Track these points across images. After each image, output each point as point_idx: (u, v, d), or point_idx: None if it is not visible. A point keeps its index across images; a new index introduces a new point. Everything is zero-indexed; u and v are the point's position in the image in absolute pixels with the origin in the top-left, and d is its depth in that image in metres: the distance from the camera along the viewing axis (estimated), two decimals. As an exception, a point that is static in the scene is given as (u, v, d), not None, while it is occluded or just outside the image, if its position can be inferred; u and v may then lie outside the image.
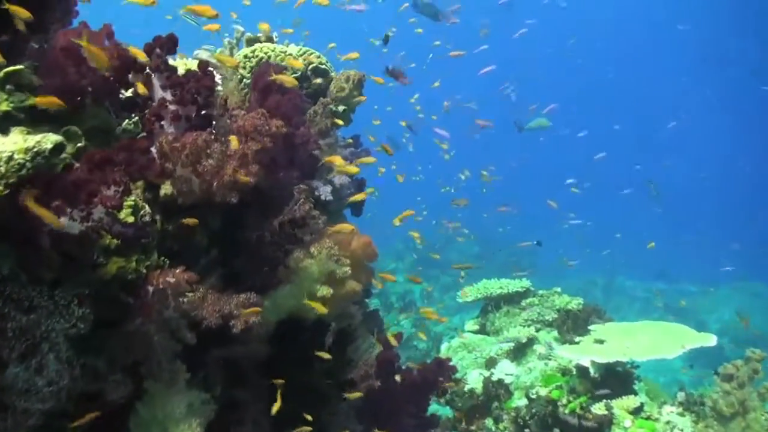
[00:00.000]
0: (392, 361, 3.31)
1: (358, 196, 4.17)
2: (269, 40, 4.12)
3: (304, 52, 4.10)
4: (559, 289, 5.98)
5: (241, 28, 4.28)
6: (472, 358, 5.56)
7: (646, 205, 19.29)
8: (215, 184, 2.15)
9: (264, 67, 2.76)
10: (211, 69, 2.25)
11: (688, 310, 12.47)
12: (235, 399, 2.50)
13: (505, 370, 5.25)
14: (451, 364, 3.57)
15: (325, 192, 3.88)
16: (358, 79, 4.03)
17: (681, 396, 4.25)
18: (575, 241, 15.82)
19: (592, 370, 4.40)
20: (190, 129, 2.18)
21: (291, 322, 2.61)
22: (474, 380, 5.25)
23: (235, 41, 4.23)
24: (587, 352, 4.57)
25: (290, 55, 3.92)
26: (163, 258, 2.16)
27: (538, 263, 14.43)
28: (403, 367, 3.71)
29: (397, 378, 3.29)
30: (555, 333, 5.46)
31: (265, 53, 3.86)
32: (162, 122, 2.15)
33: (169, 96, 2.17)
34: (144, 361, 2.00)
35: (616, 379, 4.39)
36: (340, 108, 4.04)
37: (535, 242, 6.74)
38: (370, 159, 4.06)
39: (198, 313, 2.15)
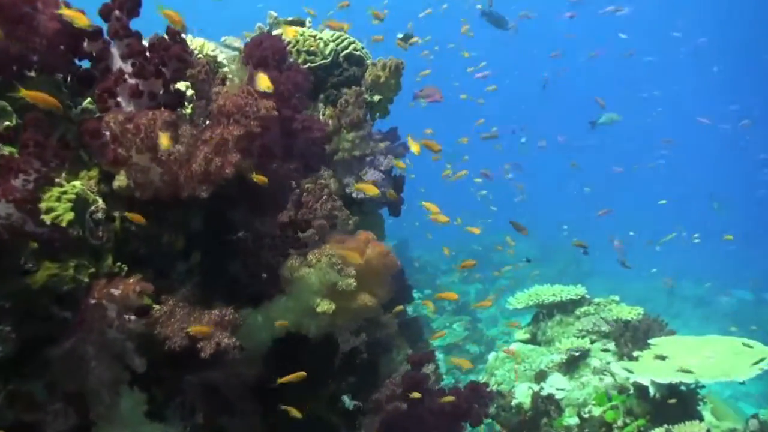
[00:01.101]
0: (420, 383, 2.84)
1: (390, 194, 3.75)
2: (300, 24, 3.70)
3: (338, 38, 3.67)
4: (617, 298, 5.40)
5: (274, 13, 3.87)
6: (521, 370, 5.04)
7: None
8: (182, 175, 1.73)
9: (259, 37, 2.32)
10: (182, 35, 1.82)
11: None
12: (221, 429, 2.08)
13: (556, 385, 4.73)
14: (488, 389, 3.09)
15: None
16: (395, 66, 3.58)
17: (754, 425, 3.66)
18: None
19: (651, 390, 3.85)
20: (155, 107, 1.76)
21: (289, 340, 2.18)
22: (522, 394, 4.74)
23: (266, 27, 3.83)
24: (646, 370, 4.02)
25: (320, 39, 3.49)
26: (120, 264, 1.75)
27: (601, 267, 13.70)
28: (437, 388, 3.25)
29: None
30: (611, 345, 4.89)
31: (294, 38, 3.44)
32: (118, 98, 1.73)
33: (128, 67, 1.75)
34: (81, 390, 1.59)
35: (678, 400, 3.83)
36: (376, 98, 3.60)
37: (583, 251, 6.16)
38: (400, 165, 3.60)
39: (161, 332, 1.73)
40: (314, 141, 2.24)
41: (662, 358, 4.22)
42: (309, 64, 3.41)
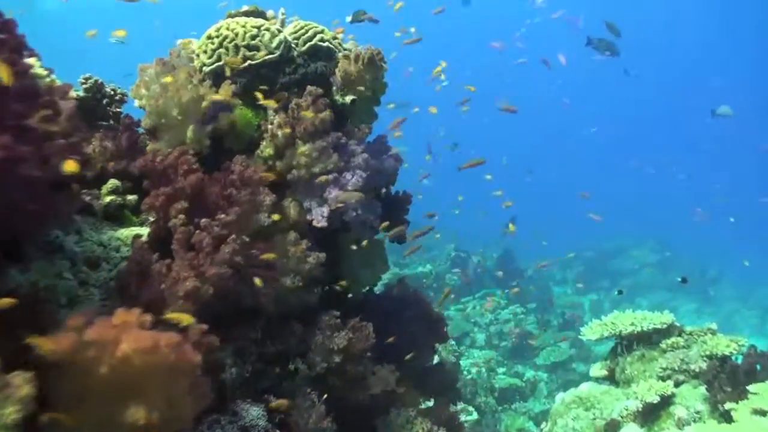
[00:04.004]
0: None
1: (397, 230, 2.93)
2: (259, 15, 2.94)
3: (299, 28, 2.88)
4: (713, 326, 4.21)
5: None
6: (589, 418, 4.00)
7: None
8: None
9: None
10: None
11: None
12: None
13: (630, 440, 3.69)
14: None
15: (318, 214, 2.64)
16: (369, 58, 2.74)
17: None
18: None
19: (742, 466, 2.76)
20: None
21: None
22: (589, 450, 3.73)
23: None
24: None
25: (267, 30, 2.71)
26: None
27: (730, 272, 12.00)
28: None
29: None
30: (702, 390, 3.76)
31: (232, 31, 2.69)
32: None
33: None
34: None
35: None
36: (348, 99, 2.78)
37: (679, 279, 5.14)
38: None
39: None
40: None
41: (763, 414, 3.12)
42: (249, 61, 2.64)
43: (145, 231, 2.24)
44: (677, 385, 3.87)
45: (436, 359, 6.88)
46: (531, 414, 7.38)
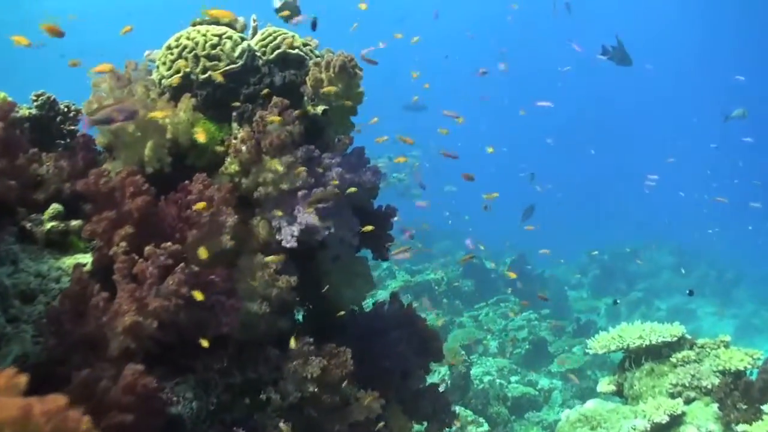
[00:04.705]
0: None
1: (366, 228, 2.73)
2: (229, 23, 2.74)
3: (270, 35, 2.68)
4: (727, 337, 3.94)
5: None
6: (594, 437, 3.76)
7: None
8: None
9: None
10: None
11: None
12: None
13: (638, 461, 3.44)
14: None
15: (288, 234, 2.44)
16: (340, 65, 2.53)
17: None
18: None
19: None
20: None
21: None
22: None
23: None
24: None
25: (228, 39, 2.52)
26: None
27: (751, 271, 11.59)
28: None
29: None
30: (714, 408, 3.50)
31: (192, 40, 2.50)
32: None
33: None
34: None
35: None
36: (319, 109, 2.58)
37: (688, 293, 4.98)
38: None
39: None
40: None
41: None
42: (209, 72, 2.44)
43: (90, 259, 2.05)
44: (688, 402, 3.63)
45: (440, 374, 6.76)
46: (544, 424, 7.12)
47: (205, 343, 2.04)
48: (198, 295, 1.91)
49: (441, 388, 3.44)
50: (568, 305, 11.08)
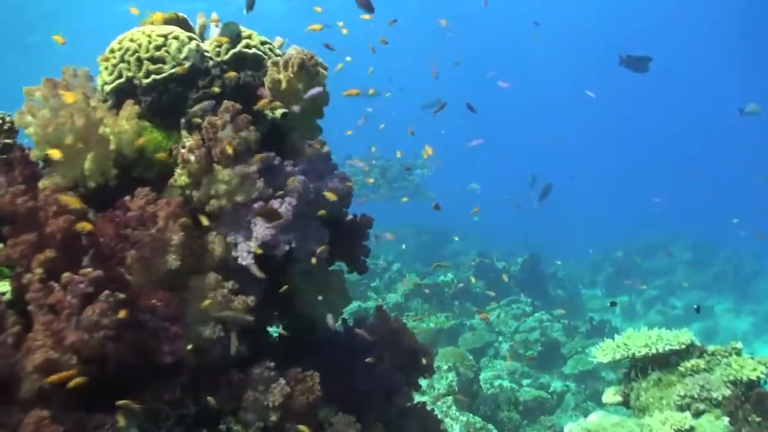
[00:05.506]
0: None
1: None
2: (177, 22, 2.51)
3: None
4: (738, 344, 3.65)
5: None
6: (597, 452, 3.49)
7: None
8: None
9: None
10: None
11: None
12: None
13: (645, 480, 3.17)
14: None
15: (243, 250, 2.22)
16: (299, 64, 2.29)
17: None
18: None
19: None
20: None
21: None
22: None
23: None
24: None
25: (174, 39, 2.29)
26: None
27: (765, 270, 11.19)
28: None
29: None
30: (725, 421, 3.22)
31: (135, 42, 2.27)
32: None
33: None
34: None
35: None
36: (278, 112, 2.35)
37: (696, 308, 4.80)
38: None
39: None
40: None
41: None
42: (153, 76, 2.21)
43: (8, 288, 1.84)
44: (697, 415, 3.35)
45: (447, 380, 6.50)
46: (556, 428, 6.84)
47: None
48: (121, 313, 1.69)
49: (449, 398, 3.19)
50: (582, 305, 10.76)
